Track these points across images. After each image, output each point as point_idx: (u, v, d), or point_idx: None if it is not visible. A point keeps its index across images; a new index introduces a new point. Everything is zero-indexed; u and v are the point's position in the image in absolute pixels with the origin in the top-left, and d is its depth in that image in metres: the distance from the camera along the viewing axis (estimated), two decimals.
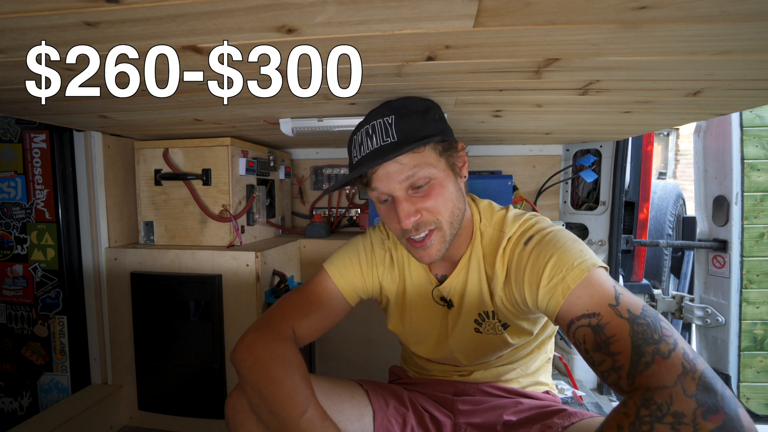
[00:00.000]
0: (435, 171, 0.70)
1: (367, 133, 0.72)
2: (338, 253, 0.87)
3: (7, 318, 1.36)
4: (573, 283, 0.60)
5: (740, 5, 0.45)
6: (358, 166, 0.73)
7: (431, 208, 0.70)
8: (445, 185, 0.71)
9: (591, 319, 0.57)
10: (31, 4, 0.46)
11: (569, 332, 0.60)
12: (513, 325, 0.77)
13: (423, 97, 0.79)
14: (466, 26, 0.52)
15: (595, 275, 0.60)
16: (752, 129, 1.59)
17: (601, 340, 0.55)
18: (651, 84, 0.77)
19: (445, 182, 0.71)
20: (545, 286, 0.63)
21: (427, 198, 0.70)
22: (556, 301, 0.61)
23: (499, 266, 0.73)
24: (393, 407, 0.81)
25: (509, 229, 0.74)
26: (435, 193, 0.70)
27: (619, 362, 0.53)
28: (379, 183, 0.71)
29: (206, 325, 1.26)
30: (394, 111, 0.71)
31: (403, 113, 0.71)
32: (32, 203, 1.30)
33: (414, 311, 0.85)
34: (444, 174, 0.71)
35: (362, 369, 1.59)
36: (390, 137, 0.69)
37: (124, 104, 0.94)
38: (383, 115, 0.71)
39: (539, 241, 0.69)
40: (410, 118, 0.70)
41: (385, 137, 0.69)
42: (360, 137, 0.73)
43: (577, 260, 0.62)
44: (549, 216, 1.75)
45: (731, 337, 1.62)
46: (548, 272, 0.63)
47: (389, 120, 0.70)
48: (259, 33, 0.54)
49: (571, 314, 0.59)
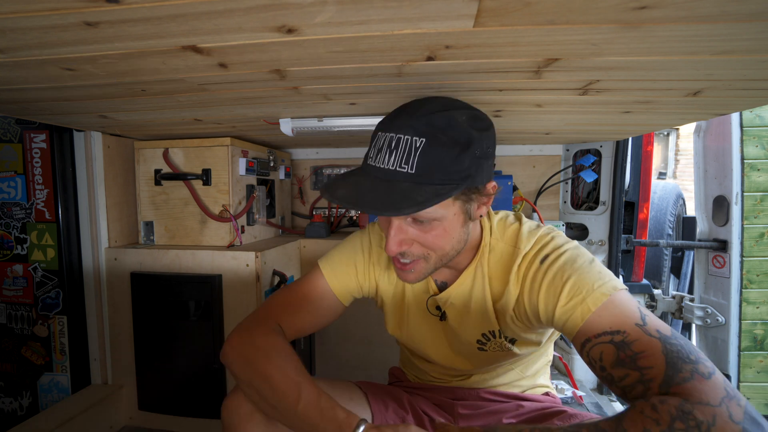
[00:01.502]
0: (443, 213, 0.62)
1: (389, 143, 0.60)
2: (334, 251, 0.84)
3: (7, 318, 1.36)
4: (594, 306, 0.58)
5: (740, 5, 0.45)
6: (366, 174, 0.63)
7: (426, 244, 0.65)
8: (450, 229, 0.64)
9: (614, 336, 0.55)
10: (31, 4, 0.46)
11: (583, 350, 0.58)
12: (521, 339, 0.75)
13: (475, 116, 0.63)
14: (466, 26, 0.52)
15: (618, 297, 0.59)
16: (752, 129, 1.59)
17: (625, 355, 0.53)
18: (651, 84, 0.77)
19: (451, 226, 0.64)
20: (563, 306, 0.61)
21: (424, 234, 0.64)
22: (573, 323, 0.59)
23: (513, 283, 0.69)
24: (392, 410, 0.81)
25: (524, 246, 0.69)
26: (435, 233, 0.64)
27: (649, 375, 0.50)
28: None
29: (206, 325, 1.26)
30: (431, 131, 0.58)
31: (439, 141, 0.58)
32: (32, 203, 1.30)
33: (412, 317, 0.83)
34: (453, 218, 0.64)
35: (362, 370, 1.59)
36: (408, 165, 0.58)
37: (124, 104, 0.94)
38: (415, 132, 0.59)
39: (555, 259, 0.65)
40: (443, 151, 0.58)
41: (402, 162, 0.59)
42: (383, 141, 0.61)
43: (597, 282, 0.60)
44: (549, 216, 1.75)
45: (731, 337, 1.62)
46: (566, 293, 0.61)
47: (418, 144, 0.58)
48: (259, 33, 0.54)
49: (589, 333, 0.57)
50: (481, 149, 0.62)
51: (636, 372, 0.52)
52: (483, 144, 0.62)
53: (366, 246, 0.84)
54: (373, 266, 0.83)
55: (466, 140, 0.60)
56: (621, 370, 0.53)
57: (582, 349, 0.58)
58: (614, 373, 0.54)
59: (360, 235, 0.87)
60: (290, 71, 0.71)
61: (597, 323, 0.57)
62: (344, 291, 0.82)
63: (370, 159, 0.64)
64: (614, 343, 0.55)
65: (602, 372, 0.56)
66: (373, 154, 0.63)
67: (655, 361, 0.51)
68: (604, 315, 0.57)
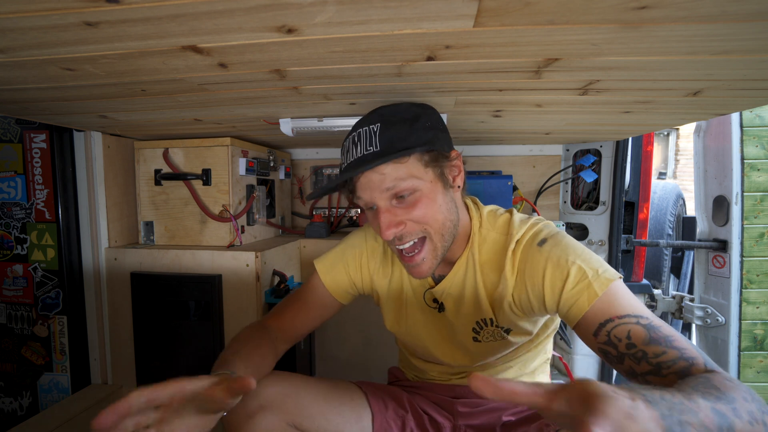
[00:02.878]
0: (420, 182, 0.68)
1: (353, 140, 0.71)
2: (330, 250, 0.88)
3: (7, 318, 1.36)
4: (600, 291, 0.61)
5: (740, 5, 0.45)
6: (342, 173, 0.72)
7: (417, 218, 0.68)
8: (432, 197, 0.69)
9: (639, 319, 0.58)
10: (31, 4, 0.46)
11: (602, 330, 0.60)
12: (515, 328, 0.76)
13: (417, 103, 0.76)
14: (466, 26, 0.52)
15: (620, 285, 0.62)
16: (752, 129, 1.59)
17: (658, 336, 0.56)
18: (651, 84, 0.77)
19: (432, 194, 0.69)
20: (570, 290, 0.63)
21: (411, 209, 0.68)
22: (580, 307, 0.62)
23: (509, 268, 0.71)
24: (392, 409, 0.81)
25: (517, 232, 0.72)
26: (420, 204, 0.68)
27: (689, 354, 0.54)
28: (361, 192, 0.70)
29: (206, 325, 1.26)
30: (381, 119, 0.70)
31: (390, 121, 0.69)
32: (32, 203, 1.30)
33: (411, 312, 0.84)
34: (431, 185, 0.69)
35: (362, 370, 1.59)
36: (373, 146, 0.68)
37: (124, 104, 0.94)
38: (370, 123, 0.70)
39: (556, 243, 0.68)
40: (396, 127, 0.68)
41: (368, 146, 0.68)
42: (348, 144, 0.72)
43: (601, 268, 0.63)
44: (549, 216, 1.75)
45: (731, 337, 1.62)
46: (573, 277, 0.63)
47: (375, 128, 0.69)
48: (259, 33, 0.54)
49: (608, 314, 0.60)
50: (431, 121, 0.72)
51: (675, 351, 0.54)
52: (431, 118, 0.73)
53: (359, 241, 0.87)
54: (368, 260, 0.85)
55: (413, 115, 0.70)
56: (657, 347, 0.56)
57: (600, 329, 0.60)
58: (648, 350, 0.56)
59: (356, 232, 0.90)
60: (290, 71, 0.71)
61: (610, 306, 0.60)
62: (338, 288, 0.84)
63: (342, 165, 0.74)
64: (641, 324, 0.58)
65: (630, 349, 0.57)
66: (344, 158, 0.73)
67: (687, 345, 0.55)
68: (615, 300, 0.60)
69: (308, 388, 0.76)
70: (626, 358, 0.57)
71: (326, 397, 0.77)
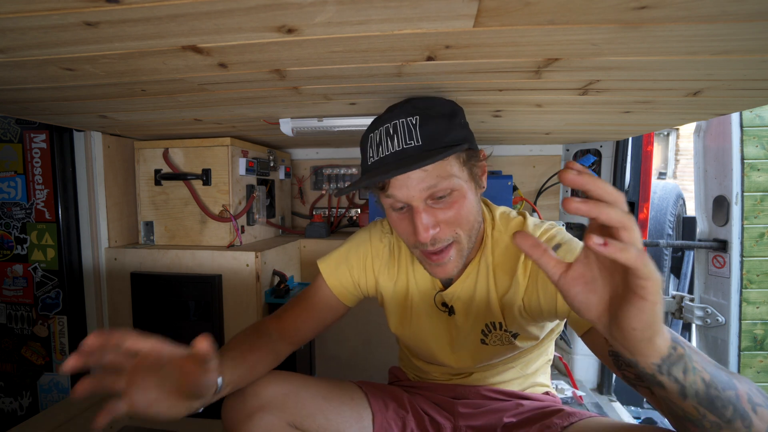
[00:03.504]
0: (459, 182, 0.65)
1: (387, 132, 0.65)
2: (333, 250, 0.87)
3: (7, 318, 1.36)
4: None
5: (740, 5, 0.45)
6: (376, 168, 0.66)
7: (452, 221, 0.65)
8: (468, 197, 0.66)
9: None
10: (31, 4, 0.46)
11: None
12: (523, 332, 0.75)
13: (448, 99, 0.72)
14: (466, 26, 0.52)
15: None
16: (752, 129, 1.59)
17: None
18: (651, 84, 0.77)
19: (468, 194, 0.66)
20: None
21: (448, 209, 0.65)
22: None
23: (521, 273, 0.70)
24: (392, 410, 0.81)
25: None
26: (457, 205, 0.65)
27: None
28: (396, 190, 0.65)
29: (206, 325, 1.26)
30: (419, 111, 0.65)
31: (429, 115, 0.64)
32: (32, 203, 1.30)
33: (416, 315, 0.83)
34: (467, 185, 0.66)
35: (362, 370, 1.59)
36: (414, 140, 0.63)
37: (124, 104, 0.94)
38: (407, 114, 0.64)
39: (570, 250, 0.67)
40: (436, 121, 0.64)
41: (408, 139, 0.63)
42: (378, 136, 0.66)
43: None
44: (549, 216, 1.75)
45: (731, 337, 1.62)
46: None
47: (413, 121, 0.64)
48: (259, 33, 0.54)
49: None
50: (463, 119, 0.69)
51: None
52: (463, 115, 0.70)
53: (363, 242, 0.85)
54: (372, 261, 0.84)
55: (450, 111, 0.67)
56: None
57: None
58: None
59: (360, 232, 0.88)
60: (290, 71, 0.71)
61: None
62: (342, 289, 0.83)
63: (371, 159, 0.66)
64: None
65: None
66: (373, 151, 0.67)
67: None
68: None
69: (308, 387, 0.76)
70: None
71: (326, 396, 0.76)
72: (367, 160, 0.68)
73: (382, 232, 0.85)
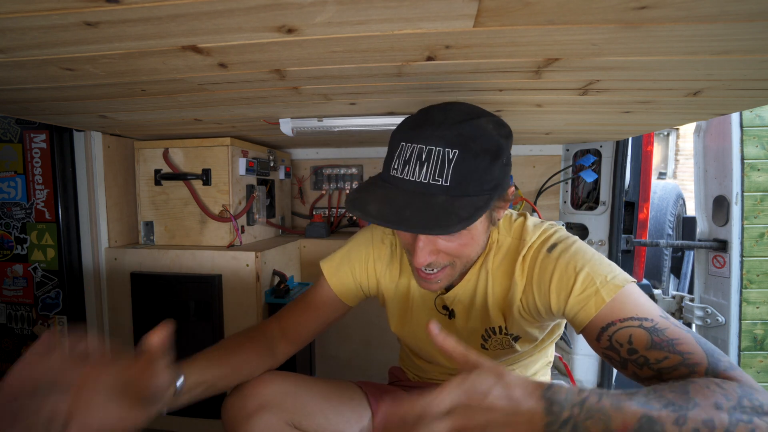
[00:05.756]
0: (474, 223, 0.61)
1: (419, 156, 0.58)
2: (336, 251, 0.87)
3: (7, 318, 1.36)
4: (608, 297, 0.59)
5: (740, 5, 0.45)
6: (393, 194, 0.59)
7: (452, 252, 0.65)
8: (477, 236, 0.65)
9: (643, 321, 0.56)
10: (31, 4, 0.46)
11: (604, 334, 0.58)
12: (524, 335, 0.75)
13: (499, 121, 0.63)
14: (466, 26, 0.52)
15: (632, 289, 0.60)
16: (752, 129, 1.59)
17: (661, 339, 0.54)
18: (651, 84, 0.77)
19: (478, 233, 0.65)
20: (577, 296, 0.62)
21: (452, 243, 0.64)
22: (586, 313, 0.60)
23: (519, 273, 0.70)
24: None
25: (530, 237, 0.71)
26: (463, 242, 0.64)
27: (692, 360, 0.52)
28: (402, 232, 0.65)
29: (206, 325, 1.26)
30: (461, 143, 0.57)
31: (471, 152, 0.57)
32: (32, 203, 1.30)
33: (416, 316, 0.83)
34: (480, 225, 0.65)
35: (362, 370, 1.59)
36: (443, 178, 0.57)
37: (124, 104, 0.94)
38: (447, 144, 0.57)
39: (565, 249, 0.67)
40: (476, 161, 0.58)
41: (436, 175, 0.57)
42: (410, 151, 0.59)
43: (610, 274, 0.61)
44: (549, 216, 1.75)
45: (731, 337, 1.62)
46: (580, 283, 0.62)
47: (451, 155, 0.57)
48: (259, 33, 0.54)
49: (612, 317, 0.58)
50: (507, 157, 0.63)
51: (677, 356, 0.53)
52: (508, 149, 0.63)
53: (365, 243, 0.85)
54: (374, 262, 0.84)
55: (496, 149, 0.59)
56: (658, 352, 0.54)
57: (602, 333, 0.59)
58: (650, 356, 0.54)
59: (362, 232, 0.88)
60: (290, 71, 0.71)
61: (615, 310, 0.58)
62: (344, 289, 0.83)
63: (395, 171, 0.61)
64: (644, 327, 0.56)
65: (632, 354, 0.56)
66: (398, 165, 0.60)
67: (693, 349, 0.53)
68: (622, 304, 0.59)
69: (308, 387, 0.76)
70: (629, 364, 0.56)
71: (326, 396, 0.76)
72: (390, 168, 0.62)
73: (384, 232, 0.85)
